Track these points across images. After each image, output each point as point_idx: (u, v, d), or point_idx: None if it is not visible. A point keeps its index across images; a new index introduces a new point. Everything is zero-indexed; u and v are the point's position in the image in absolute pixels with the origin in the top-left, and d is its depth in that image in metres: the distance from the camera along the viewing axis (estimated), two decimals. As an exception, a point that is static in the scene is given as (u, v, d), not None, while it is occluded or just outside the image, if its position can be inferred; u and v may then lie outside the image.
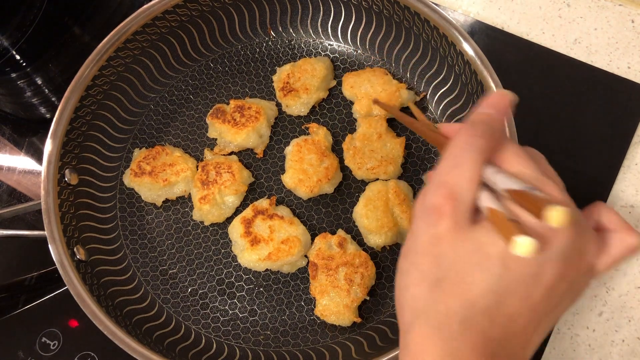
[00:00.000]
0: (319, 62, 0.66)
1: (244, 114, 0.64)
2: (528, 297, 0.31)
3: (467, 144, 0.34)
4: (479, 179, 0.33)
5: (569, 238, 0.31)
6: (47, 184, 0.57)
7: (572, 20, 0.73)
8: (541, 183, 0.32)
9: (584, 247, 0.32)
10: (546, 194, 0.31)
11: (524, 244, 0.28)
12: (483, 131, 0.34)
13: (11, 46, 0.77)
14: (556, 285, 0.31)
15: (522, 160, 0.33)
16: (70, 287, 0.54)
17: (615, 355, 0.60)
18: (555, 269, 0.31)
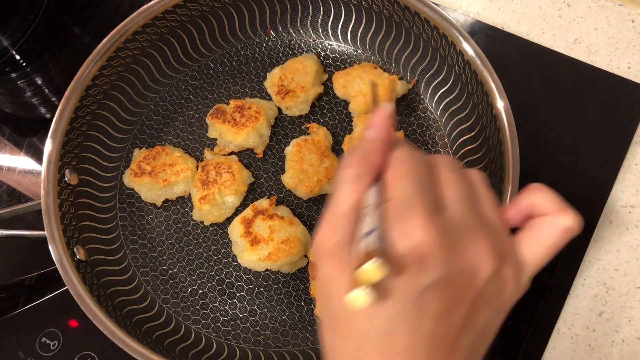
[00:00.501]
0: (307, 59, 0.66)
1: (244, 114, 0.64)
2: (415, 331, 0.29)
3: (339, 177, 0.33)
4: (354, 212, 0.32)
5: (437, 268, 0.29)
6: (47, 184, 0.57)
7: (572, 20, 0.73)
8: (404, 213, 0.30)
9: (469, 265, 0.30)
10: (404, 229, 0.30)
11: (354, 298, 0.28)
12: (350, 160, 0.33)
13: (11, 46, 0.77)
14: (448, 311, 0.30)
15: (399, 182, 0.32)
16: (70, 287, 0.54)
17: (616, 355, 0.60)
18: (436, 298, 0.29)
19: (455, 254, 0.30)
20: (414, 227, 0.30)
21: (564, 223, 0.33)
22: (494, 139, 0.58)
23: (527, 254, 0.33)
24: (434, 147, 0.65)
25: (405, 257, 0.29)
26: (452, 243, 0.30)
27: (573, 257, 0.63)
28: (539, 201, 0.34)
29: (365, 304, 0.28)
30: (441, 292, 0.30)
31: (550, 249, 0.33)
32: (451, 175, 0.34)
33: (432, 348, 0.30)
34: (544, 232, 0.33)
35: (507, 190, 0.54)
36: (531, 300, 0.62)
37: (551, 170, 0.66)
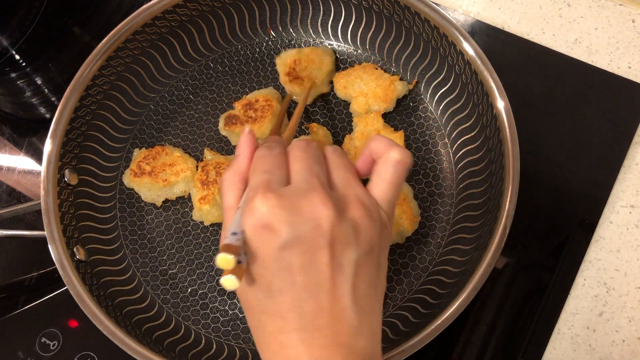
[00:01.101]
0: (326, 55, 0.66)
1: (256, 108, 0.64)
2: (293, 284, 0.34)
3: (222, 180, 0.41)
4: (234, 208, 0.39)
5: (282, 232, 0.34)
6: (47, 184, 0.57)
7: (572, 20, 0.73)
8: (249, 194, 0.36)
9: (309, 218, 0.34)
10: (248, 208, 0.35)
11: (225, 282, 0.33)
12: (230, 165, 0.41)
13: (11, 46, 0.77)
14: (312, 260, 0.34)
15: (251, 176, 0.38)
16: (70, 287, 0.54)
17: (616, 355, 0.60)
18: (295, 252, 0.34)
19: (294, 213, 0.34)
20: (255, 204, 0.34)
21: (392, 157, 0.38)
22: (494, 139, 0.58)
23: (375, 193, 0.38)
24: (434, 147, 0.65)
25: (255, 231, 0.34)
26: (290, 205, 0.34)
27: (573, 257, 0.63)
28: (374, 147, 0.40)
29: (236, 285, 0.33)
30: (296, 248, 0.34)
31: (390, 184, 0.38)
32: (298, 154, 0.39)
33: (315, 295, 0.34)
34: (381, 170, 0.39)
35: (507, 190, 0.54)
36: (531, 300, 0.62)
37: (551, 170, 0.66)
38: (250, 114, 0.63)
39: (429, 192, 0.63)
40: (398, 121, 0.66)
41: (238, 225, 0.35)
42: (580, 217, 0.64)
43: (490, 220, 0.55)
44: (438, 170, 0.64)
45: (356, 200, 0.36)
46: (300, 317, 0.34)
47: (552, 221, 0.65)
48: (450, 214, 0.62)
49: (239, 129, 0.63)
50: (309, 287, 0.34)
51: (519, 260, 0.63)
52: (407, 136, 0.65)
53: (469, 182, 0.61)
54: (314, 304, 0.34)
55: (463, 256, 0.57)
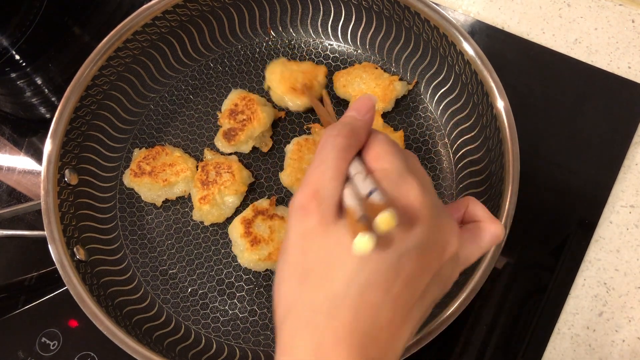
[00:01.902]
0: (320, 71, 0.66)
1: (241, 111, 0.64)
2: (389, 289, 0.31)
3: (327, 143, 0.36)
4: (342, 176, 0.34)
5: (423, 233, 0.32)
6: (47, 184, 0.57)
7: (572, 20, 0.73)
8: (401, 180, 0.33)
9: (443, 239, 0.34)
10: (403, 191, 0.33)
11: (360, 242, 0.29)
12: (341, 130, 0.36)
13: (11, 46, 0.77)
14: (417, 277, 0.32)
15: (388, 157, 0.35)
16: (70, 287, 0.54)
17: (616, 355, 0.60)
18: (412, 262, 0.32)
19: (437, 225, 0.33)
20: (411, 191, 0.32)
21: (495, 230, 0.38)
22: (494, 139, 0.58)
23: (464, 253, 0.37)
24: (434, 147, 0.65)
25: (408, 213, 0.32)
26: (437, 214, 0.33)
27: (573, 257, 0.63)
28: (474, 209, 0.39)
29: (370, 249, 0.29)
30: (418, 257, 0.32)
31: (482, 250, 0.38)
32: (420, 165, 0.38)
33: (396, 309, 0.32)
34: (484, 236, 0.38)
35: (507, 190, 0.54)
36: (531, 300, 0.62)
37: (551, 170, 0.66)
38: (241, 118, 0.63)
39: (429, 192, 0.63)
40: (398, 121, 0.66)
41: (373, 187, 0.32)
42: (580, 217, 0.64)
43: (490, 220, 0.55)
44: (438, 170, 0.64)
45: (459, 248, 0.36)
46: (369, 323, 0.31)
47: (552, 221, 0.65)
48: (450, 214, 0.62)
49: (242, 136, 0.63)
50: (399, 298, 0.32)
51: (519, 260, 0.63)
52: (407, 136, 0.65)
53: (469, 182, 0.61)
54: (389, 317, 0.31)
55: (463, 256, 0.57)
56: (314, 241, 0.33)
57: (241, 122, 0.63)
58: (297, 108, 0.65)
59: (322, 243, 0.32)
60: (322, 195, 0.33)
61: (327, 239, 0.32)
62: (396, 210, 0.30)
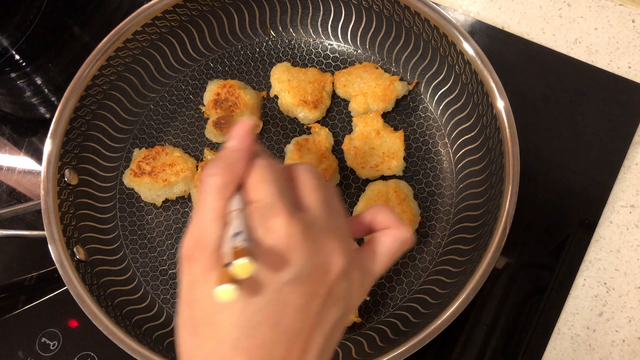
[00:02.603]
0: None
1: (226, 99, 0.64)
2: (276, 325, 0.31)
3: (205, 184, 0.34)
4: (221, 218, 0.33)
5: (295, 265, 0.31)
6: (47, 184, 0.57)
7: (572, 20, 0.73)
8: (269, 212, 0.32)
9: (323, 262, 0.33)
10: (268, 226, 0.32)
11: (221, 292, 0.29)
12: (214, 169, 0.34)
13: (11, 46, 0.77)
14: (304, 306, 0.32)
15: (259, 186, 0.34)
16: (70, 287, 0.54)
17: (616, 355, 0.60)
18: (294, 293, 0.31)
19: (313, 250, 0.32)
20: (276, 224, 0.31)
21: (401, 235, 0.37)
22: (494, 139, 0.58)
23: (372, 263, 0.37)
24: (434, 147, 0.65)
25: (270, 253, 0.31)
26: (311, 239, 0.32)
27: (573, 257, 0.63)
28: (381, 217, 0.38)
29: (233, 297, 0.29)
30: (300, 286, 0.31)
31: (390, 257, 0.37)
32: (312, 181, 0.36)
33: (290, 342, 0.31)
34: (386, 242, 0.37)
35: (507, 190, 0.54)
36: (531, 300, 0.62)
37: (551, 170, 0.66)
38: (227, 105, 0.63)
39: (429, 192, 0.63)
40: (398, 121, 0.66)
41: (241, 225, 0.32)
42: (580, 217, 0.64)
43: (490, 220, 0.55)
44: (438, 170, 0.64)
45: (359, 262, 0.35)
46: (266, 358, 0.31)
47: (552, 221, 0.65)
48: (450, 214, 0.62)
49: (234, 122, 0.63)
50: (288, 330, 0.31)
51: (519, 260, 0.63)
52: (407, 136, 0.65)
53: (469, 182, 0.61)
54: (284, 351, 0.31)
55: (463, 256, 0.57)
56: (198, 290, 0.32)
57: (228, 109, 0.63)
58: (308, 121, 0.65)
59: (205, 291, 0.31)
60: (204, 242, 0.32)
61: (210, 287, 0.31)
62: (260, 251, 0.30)
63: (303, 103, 0.64)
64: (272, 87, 0.66)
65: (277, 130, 0.67)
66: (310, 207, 0.34)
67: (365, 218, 0.39)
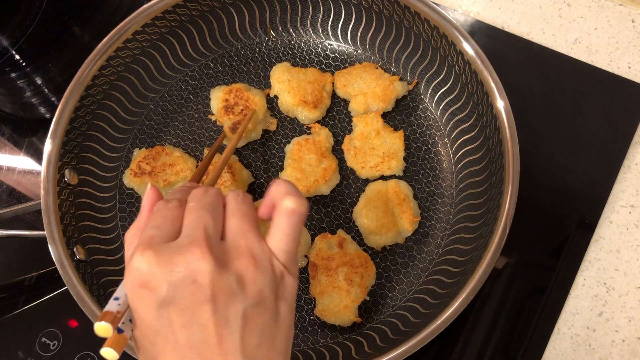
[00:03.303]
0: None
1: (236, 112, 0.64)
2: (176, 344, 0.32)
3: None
4: None
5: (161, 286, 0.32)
6: (47, 184, 0.57)
7: (572, 20, 0.73)
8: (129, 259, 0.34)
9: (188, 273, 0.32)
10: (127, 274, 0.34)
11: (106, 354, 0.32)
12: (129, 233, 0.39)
13: (11, 46, 0.77)
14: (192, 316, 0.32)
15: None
16: (70, 287, 0.54)
17: (616, 355, 0.60)
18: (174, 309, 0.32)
19: (171, 269, 0.32)
20: (133, 263, 0.33)
21: (286, 206, 0.36)
22: (494, 139, 0.58)
23: (271, 244, 0.36)
24: (434, 147, 0.65)
25: (134, 291, 0.33)
26: (166, 262, 0.33)
27: (573, 257, 0.63)
28: (273, 192, 0.37)
29: (114, 357, 0.32)
30: (174, 305, 0.32)
31: (285, 234, 0.36)
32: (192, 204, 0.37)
33: (201, 353, 0.32)
34: (276, 219, 0.36)
35: (507, 190, 0.54)
36: (531, 300, 0.62)
37: (551, 170, 0.66)
38: (238, 109, 0.64)
39: (429, 192, 0.63)
40: (398, 121, 0.66)
41: (122, 289, 0.34)
42: (580, 217, 0.64)
43: (490, 220, 0.55)
44: (438, 170, 0.64)
45: (246, 250, 0.35)
46: None
47: (552, 221, 0.65)
48: (450, 214, 0.62)
49: (250, 125, 0.63)
50: (193, 344, 0.32)
51: (519, 260, 0.63)
52: (407, 136, 0.65)
53: (469, 182, 0.61)
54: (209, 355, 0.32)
55: (463, 256, 0.57)
56: None
57: (241, 113, 0.63)
58: (308, 121, 0.65)
59: None
60: None
61: None
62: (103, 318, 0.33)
63: (303, 103, 0.64)
64: (272, 87, 0.66)
65: (277, 130, 0.66)
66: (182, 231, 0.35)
67: (267, 198, 0.38)
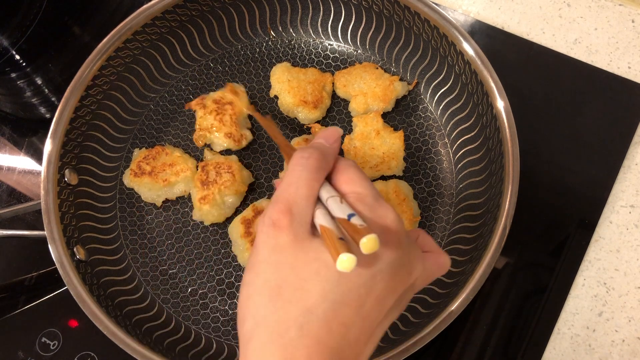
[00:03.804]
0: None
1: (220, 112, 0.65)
2: (360, 307, 0.32)
3: (300, 165, 0.36)
4: (314, 196, 0.35)
5: (396, 255, 0.33)
6: (47, 184, 0.57)
7: (572, 20, 0.73)
8: (377, 204, 0.35)
9: (411, 264, 0.35)
10: (379, 215, 0.34)
11: (346, 261, 0.30)
12: (312, 153, 0.37)
13: (11, 46, 0.77)
14: (385, 297, 0.33)
15: (361, 182, 0.36)
16: (70, 287, 0.54)
17: (616, 355, 0.60)
18: (383, 282, 0.33)
19: (408, 251, 0.34)
20: (387, 214, 0.34)
21: (444, 261, 0.40)
22: (494, 139, 0.58)
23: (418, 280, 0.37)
24: (434, 147, 0.65)
25: (387, 234, 0.33)
26: (408, 241, 0.35)
27: (573, 257, 0.63)
28: (424, 240, 0.41)
29: (352, 267, 0.30)
30: (388, 279, 0.33)
31: (431, 279, 0.39)
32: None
33: (363, 328, 0.32)
34: (430, 266, 0.38)
35: (507, 190, 0.54)
36: (531, 300, 0.62)
37: (551, 170, 0.66)
38: (221, 107, 0.65)
39: (429, 192, 0.63)
40: (398, 121, 0.66)
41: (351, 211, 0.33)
42: (580, 217, 0.64)
43: (490, 220, 0.55)
44: (438, 170, 0.64)
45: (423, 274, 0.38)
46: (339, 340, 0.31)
47: (552, 221, 0.65)
48: (450, 214, 0.62)
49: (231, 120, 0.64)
50: (368, 317, 0.32)
51: (519, 260, 0.63)
52: (407, 136, 0.65)
53: (469, 182, 0.61)
54: (357, 335, 0.32)
55: (463, 256, 0.57)
56: (287, 257, 0.33)
57: (222, 110, 0.64)
58: (308, 121, 0.65)
59: (296, 259, 0.33)
60: (295, 212, 0.34)
61: (302, 255, 0.33)
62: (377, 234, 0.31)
63: (303, 103, 0.64)
64: (272, 87, 0.66)
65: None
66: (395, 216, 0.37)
67: (413, 236, 0.40)
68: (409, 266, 0.34)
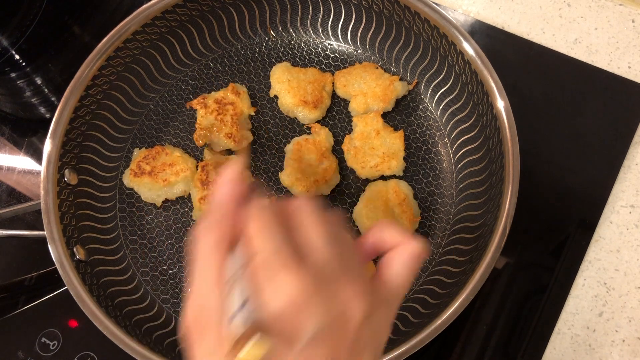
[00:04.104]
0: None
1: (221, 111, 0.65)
2: None
3: (200, 242, 0.32)
4: (219, 283, 0.31)
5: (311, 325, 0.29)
6: (47, 184, 0.57)
7: (572, 20, 0.73)
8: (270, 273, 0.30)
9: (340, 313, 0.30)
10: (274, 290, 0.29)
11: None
12: (210, 223, 0.32)
13: (11, 46, 0.77)
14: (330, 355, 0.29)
15: (259, 237, 0.31)
16: (70, 287, 0.54)
17: (616, 355, 0.60)
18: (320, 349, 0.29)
19: (328, 302, 0.29)
20: (284, 283, 0.29)
21: (413, 249, 0.34)
22: (494, 139, 0.58)
23: (392, 290, 0.34)
24: (434, 147, 0.65)
25: (281, 319, 0.29)
26: (323, 291, 0.29)
27: (573, 257, 0.63)
28: (386, 235, 0.36)
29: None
30: (321, 346, 0.29)
31: (409, 277, 0.34)
32: (311, 218, 0.33)
33: None
34: (399, 262, 0.34)
35: (507, 190, 0.54)
36: (531, 300, 0.62)
37: (551, 170, 0.66)
38: (222, 110, 0.65)
39: (429, 192, 0.63)
40: (398, 121, 0.66)
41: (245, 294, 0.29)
42: (580, 217, 0.64)
43: (490, 220, 0.55)
44: (438, 170, 0.64)
45: (379, 296, 0.33)
46: None
47: (552, 221, 0.65)
48: (450, 214, 0.62)
49: (229, 124, 0.64)
50: None
51: (519, 260, 0.63)
52: (407, 136, 0.65)
53: (469, 182, 0.61)
54: None
55: (463, 256, 0.57)
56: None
57: (223, 110, 0.64)
58: (308, 121, 0.65)
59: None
60: (207, 314, 0.30)
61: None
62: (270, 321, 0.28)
63: (303, 103, 0.64)
64: (272, 87, 0.66)
65: (277, 130, 0.66)
66: (316, 248, 0.31)
67: (369, 240, 0.36)
68: (340, 317, 0.30)
